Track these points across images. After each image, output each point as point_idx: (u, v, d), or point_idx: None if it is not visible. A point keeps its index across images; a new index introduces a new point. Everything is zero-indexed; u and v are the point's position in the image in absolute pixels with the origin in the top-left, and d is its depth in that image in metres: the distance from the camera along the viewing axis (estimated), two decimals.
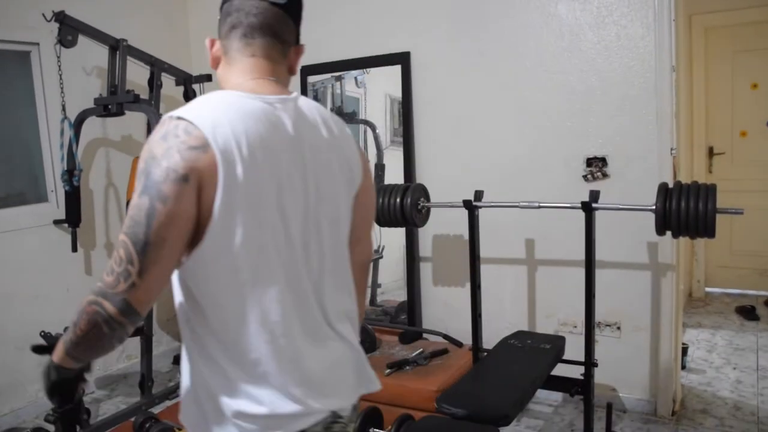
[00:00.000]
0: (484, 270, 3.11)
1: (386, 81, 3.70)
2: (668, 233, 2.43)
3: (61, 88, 3.39)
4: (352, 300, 1.32)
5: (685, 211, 2.29)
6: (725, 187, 3.28)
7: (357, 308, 1.35)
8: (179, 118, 1.07)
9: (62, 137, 3.42)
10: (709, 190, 2.30)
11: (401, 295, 3.76)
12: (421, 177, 3.58)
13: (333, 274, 1.24)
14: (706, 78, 4.98)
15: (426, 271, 3.71)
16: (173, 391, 3.52)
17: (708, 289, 5.21)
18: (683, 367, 3.53)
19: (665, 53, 2.91)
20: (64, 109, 3.39)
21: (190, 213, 1.04)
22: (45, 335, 3.02)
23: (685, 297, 4.97)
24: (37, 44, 3.45)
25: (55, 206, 3.61)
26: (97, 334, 1.05)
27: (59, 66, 3.36)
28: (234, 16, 1.22)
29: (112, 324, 1.04)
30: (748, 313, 4.57)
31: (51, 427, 2.83)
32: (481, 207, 2.92)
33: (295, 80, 3.92)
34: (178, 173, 1.01)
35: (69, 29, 3.14)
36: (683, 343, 3.52)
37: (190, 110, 1.08)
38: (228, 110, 1.10)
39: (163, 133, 1.06)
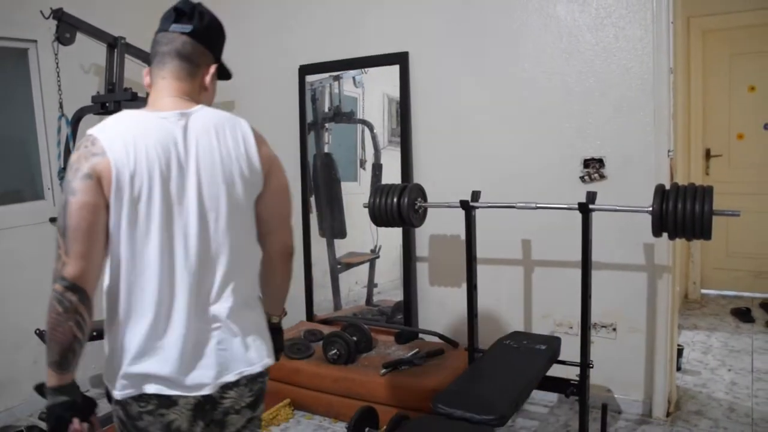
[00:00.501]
0: (481, 270, 3.11)
1: (384, 81, 3.70)
2: (665, 235, 2.44)
3: (59, 86, 3.39)
4: (248, 287, 1.56)
5: (682, 212, 2.29)
6: (722, 190, 3.29)
7: (257, 293, 1.61)
8: (89, 134, 1.40)
9: (59, 135, 3.42)
10: (706, 192, 2.30)
11: (397, 295, 3.76)
12: (419, 177, 3.59)
13: (224, 262, 1.48)
14: (704, 80, 4.99)
15: (422, 271, 3.71)
16: None
17: (704, 291, 5.22)
18: (678, 369, 3.54)
19: (663, 55, 2.91)
20: (61, 106, 3.38)
21: (95, 202, 1.35)
22: (40, 333, 3.01)
23: (681, 299, 4.98)
24: (35, 41, 3.44)
25: (52, 204, 3.60)
26: (55, 317, 1.33)
27: (57, 63, 3.35)
28: (155, 48, 1.53)
29: (63, 301, 1.32)
30: (743, 315, 4.58)
31: (45, 426, 2.83)
32: (477, 207, 2.92)
33: (293, 80, 3.96)
34: (83, 172, 1.35)
35: (67, 26, 3.14)
36: (679, 345, 3.52)
37: (97, 128, 1.41)
38: (124, 126, 1.42)
39: (78, 146, 1.40)
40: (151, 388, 1.41)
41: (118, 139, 1.38)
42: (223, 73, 1.66)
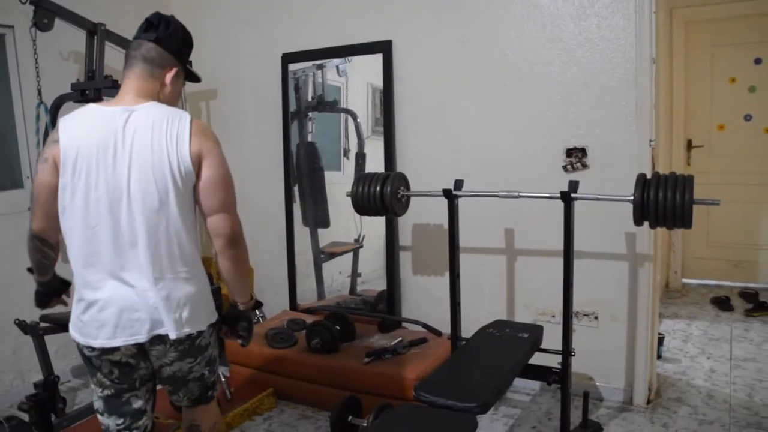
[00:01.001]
0: (464, 259, 3.11)
1: (368, 70, 3.68)
2: (646, 224, 2.45)
3: (37, 73, 3.33)
4: (175, 262, 1.78)
5: (663, 201, 2.30)
6: (703, 180, 3.32)
7: (191, 270, 1.82)
8: (59, 120, 1.80)
9: (38, 123, 3.37)
10: (687, 181, 2.31)
11: (381, 285, 3.76)
12: (402, 166, 3.58)
13: (150, 238, 1.74)
14: (686, 71, 5.02)
15: (406, 260, 3.71)
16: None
17: (685, 280, 5.28)
18: (659, 357, 3.57)
19: (645, 45, 2.92)
20: (40, 93, 3.33)
21: (49, 180, 1.77)
22: (19, 323, 2.98)
23: (662, 288, 5.03)
24: (12, 27, 3.38)
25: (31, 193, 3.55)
26: (29, 247, 1.92)
27: (35, 50, 3.29)
28: (127, 53, 1.86)
29: (32, 240, 1.90)
30: (722, 303, 4.64)
31: (25, 416, 2.81)
32: (460, 196, 2.92)
33: (276, 68, 3.93)
34: (43, 157, 1.79)
35: (44, 12, 3.08)
36: (659, 333, 3.56)
37: (64, 117, 1.81)
38: (79, 118, 1.79)
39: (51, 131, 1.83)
40: (95, 343, 1.79)
41: (71, 129, 1.76)
42: (192, 76, 1.99)
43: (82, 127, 1.76)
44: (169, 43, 1.85)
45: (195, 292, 1.83)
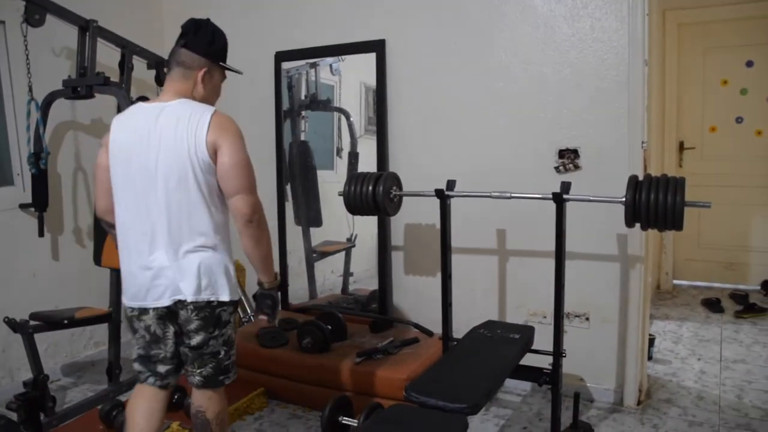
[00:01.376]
0: (456, 260, 3.11)
1: (361, 69, 3.68)
2: (637, 225, 2.46)
3: (28, 69, 3.30)
4: (195, 237, 2.01)
5: (654, 203, 2.31)
6: (695, 182, 3.33)
7: (208, 244, 2.04)
8: (115, 118, 2.14)
9: (29, 119, 3.34)
10: (678, 183, 2.32)
11: (373, 284, 3.76)
12: (395, 166, 3.58)
13: (171, 214, 1.99)
14: (678, 73, 5.04)
15: (398, 260, 3.71)
16: None
17: (676, 282, 5.30)
18: (650, 358, 3.58)
19: (638, 47, 2.93)
20: (31, 90, 3.31)
21: (104, 162, 2.11)
22: (9, 321, 2.96)
23: (654, 289, 5.05)
24: (3, 22, 3.35)
25: (21, 190, 3.53)
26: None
27: (26, 45, 3.27)
28: (168, 59, 2.16)
29: (101, 223, 2.27)
30: (713, 305, 4.66)
31: (14, 415, 2.79)
32: (453, 196, 2.92)
33: (269, 66, 3.92)
34: (101, 143, 2.15)
35: (36, 7, 3.06)
36: (650, 335, 3.57)
37: (118, 114, 2.17)
38: (127, 113, 2.13)
39: None
40: (133, 304, 2.09)
41: (119, 121, 2.11)
42: (231, 71, 2.25)
43: (128, 119, 2.08)
44: (198, 46, 2.09)
45: (215, 263, 2.05)
